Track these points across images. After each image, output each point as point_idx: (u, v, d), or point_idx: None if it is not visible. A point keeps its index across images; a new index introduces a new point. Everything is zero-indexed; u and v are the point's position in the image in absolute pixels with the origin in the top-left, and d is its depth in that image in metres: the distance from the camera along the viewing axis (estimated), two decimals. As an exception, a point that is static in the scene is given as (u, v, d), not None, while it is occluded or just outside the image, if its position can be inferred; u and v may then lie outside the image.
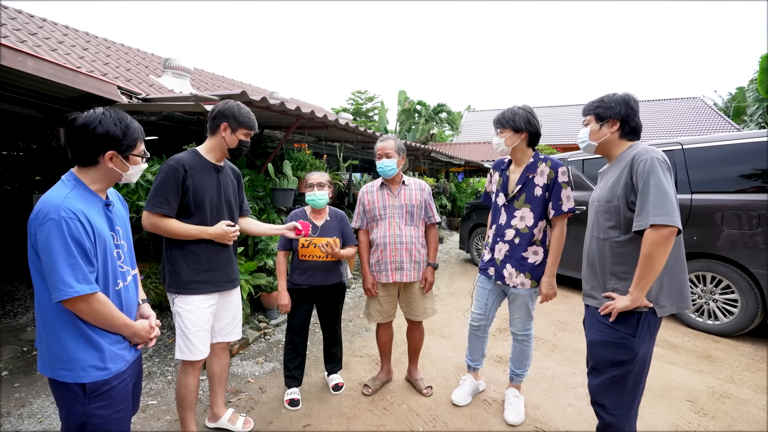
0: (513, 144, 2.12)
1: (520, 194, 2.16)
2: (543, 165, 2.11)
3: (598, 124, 1.69)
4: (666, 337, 3.49)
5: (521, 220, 2.16)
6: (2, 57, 2.24)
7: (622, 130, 1.65)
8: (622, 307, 1.53)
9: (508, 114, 2.12)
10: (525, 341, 2.33)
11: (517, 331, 2.32)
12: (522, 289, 2.18)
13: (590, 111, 1.72)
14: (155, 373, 2.77)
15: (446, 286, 5.31)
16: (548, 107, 23.19)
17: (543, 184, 2.10)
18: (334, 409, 2.39)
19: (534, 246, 2.15)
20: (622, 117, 1.64)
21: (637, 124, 1.65)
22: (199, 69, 9.59)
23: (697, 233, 3.53)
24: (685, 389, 2.64)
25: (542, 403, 2.47)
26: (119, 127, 1.21)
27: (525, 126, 2.09)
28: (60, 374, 1.17)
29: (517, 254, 2.17)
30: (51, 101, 3.34)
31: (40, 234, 1.09)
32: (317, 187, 2.35)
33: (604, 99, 1.68)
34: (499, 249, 2.24)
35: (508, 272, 2.21)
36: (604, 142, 1.69)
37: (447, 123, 19.76)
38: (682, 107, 19.55)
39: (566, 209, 2.08)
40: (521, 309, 2.26)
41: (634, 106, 1.64)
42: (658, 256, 1.44)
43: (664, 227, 1.42)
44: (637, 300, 1.51)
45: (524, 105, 2.15)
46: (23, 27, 5.41)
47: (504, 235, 2.21)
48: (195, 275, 1.83)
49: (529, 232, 2.14)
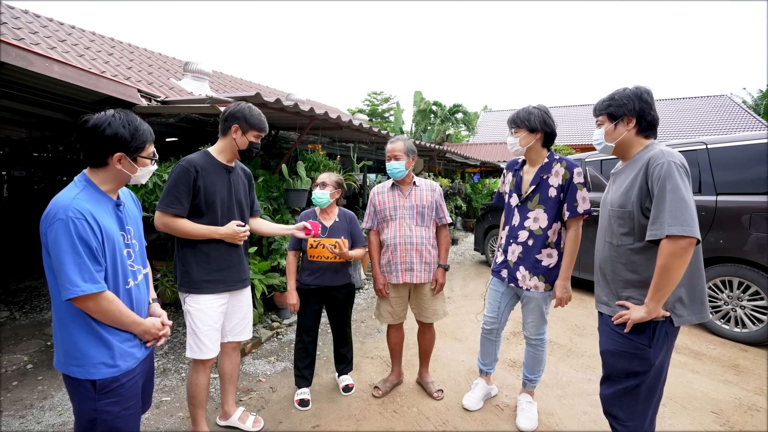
0: (528, 144, 2.08)
1: (534, 195, 2.12)
2: (558, 165, 2.07)
3: (613, 124, 1.60)
4: (689, 344, 3.35)
5: (535, 221, 2.12)
6: (32, 63, 2.34)
7: (639, 126, 1.56)
8: (638, 319, 1.46)
9: (523, 113, 2.07)
10: (539, 346, 2.27)
11: (531, 336, 2.27)
12: (536, 292, 2.14)
13: (602, 111, 1.63)
14: (170, 369, 2.83)
15: (460, 288, 5.25)
16: (566, 107, 22.71)
17: (558, 185, 2.06)
18: (343, 410, 2.39)
19: (548, 248, 2.11)
20: (638, 112, 1.54)
21: (654, 117, 1.56)
22: (218, 72, 9.80)
23: (723, 236, 3.38)
24: (709, 400, 2.53)
25: (556, 410, 2.40)
26: (128, 129, 1.24)
27: (540, 126, 2.04)
28: (72, 370, 1.21)
29: (530, 256, 2.12)
30: (76, 105, 3.47)
31: (50, 233, 1.12)
32: (319, 186, 2.37)
33: (615, 96, 1.59)
34: (512, 251, 2.19)
35: (521, 275, 2.16)
36: (622, 141, 1.60)
37: (463, 123, 19.57)
38: (709, 105, 18.83)
39: (582, 211, 2.02)
40: (535, 312, 2.21)
41: (648, 99, 1.54)
42: (675, 268, 1.36)
43: (681, 238, 1.34)
44: (653, 312, 1.43)
45: (539, 104, 2.10)
46: (53, 34, 5.64)
47: (517, 236, 2.17)
48: (205, 275, 1.86)
49: (543, 233, 2.09)
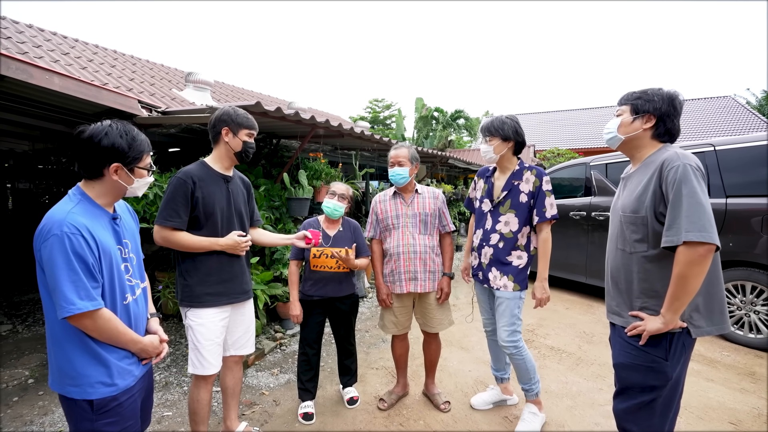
0: (501, 152, 2.17)
1: (506, 200, 2.21)
2: (528, 173, 2.18)
3: (632, 117, 1.52)
4: (702, 351, 3.27)
5: (506, 224, 2.20)
6: (32, 76, 2.34)
7: (656, 128, 1.49)
8: (654, 330, 1.39)
9: (497, 122, 2.17)
10: (516, 354, 2.19)
11: (504, 342, 2.19)
12: (505, 291, 2.16)
13: (628, 101, 1.55)
14: (172, 383, 2.79)
15: (465, 296, 5.18)
16: (569, 111, 22.71)
17: (528, 191, 2.16)
18: (348, 424, 2.33)
19: (518, 250, 2.19)
20: (660, 114, 1.47)
21: (675, 126, 1.49)
22: (220, 82, 9.86)
23: (734, 240, 3.31)
24: (726, 410, 2.44)
25: (567, 422, 2.33)
26: (125, 140, 1.21)
27: (513, 135, 2.15)
28: (68, 390, 1.17)
29: (501, 257, 2.20)
30: (78, 117, 3.47)
31: (44, 250, 1.09)
32: (338, 198, 2.34)
33: (648, 91, 1.51)
34: (485, 253, 2.26)
35: (492, 275, 2.22)
36: (633, 138, 1.53)
37: (465, 129, 19.60)
38: (713, 107, 18.75)
39: (549, 216, 2.13)
40: (505, 315, 2.17)
41: (677, 107, 1.48)
42: (693, 276, 1.30)
43: (699, 245, 1.27)
44: (670, 323, 1.36)
45: (511, 114, 2.22)
46: (57, 47, 5.68)
47: (489, 239, 2.24)
48: (207, 287, 1.82)
49: (514, 236, 2.18)
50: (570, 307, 4.56)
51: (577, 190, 4.96)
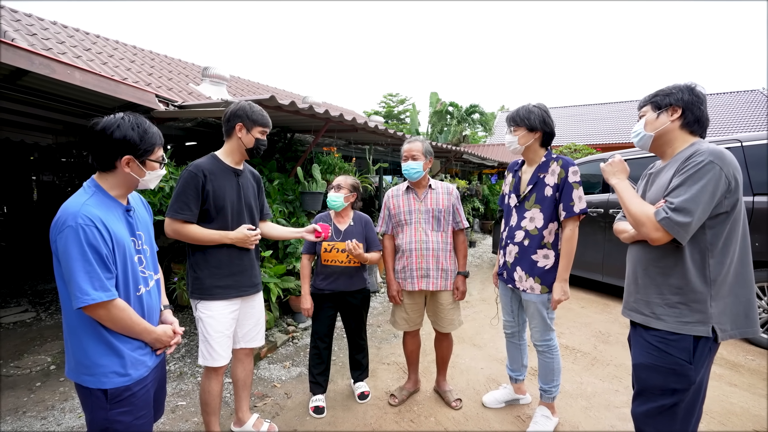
0: (526, 143, 2.04)
1: (531, 194, 2.08)
2: (554, 164, 2.02)
3: (656, 113, 1.47)
4: (725, 354, 3.16)
5: (531, 221, 2.07)
6: (54, 71, 2.39)
7: (684, 118, 1.42)
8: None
9: (522, 112, 2.03)
10: (547, 353, 2.15)
11: (536, 342, 2.16)
12: (532, 294, 2.07)
13: (647, 101, 1.51)
14: (186, 373, 2.84)
15: (478, 292, 5.13)
16: (586, 105, 22.11)
17: (554, 184, 2.01)
18: (359, 419, 2.33)
19: (544, 249, 2.04)
20: (685, 103, 1.41)
21: (703, 114, 1.42)
22: (236, 76, 9.94)
23: (759, 239, 3.17)
24: (750, 416, 2.35)
25: (582, 423, 2.28)
26: (136, 132, 1.22)
27: (540, 125, 2.00)
28: (83, 379, 1.19)
29: (527, 257, 2.07)
30: (98, 111, 3.54)
31: (59, 241, 1.11)
32: (334, 189, 2.35)
33: (662, 88, 1.48)
34: (510, 251, 2.15)
35: (518, 275, 2.11)
36: (663, 133, 1.46)
37: (480, 124, 19.30)
38: (739, 101, 17.98)
39: (578, 210, 1.96)
40: (535, 317, 2.11)
41: (699, 95, 1.42)
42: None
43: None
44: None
45: (539, 103, 2.05)
46: (79, 44, 5.82)
47: (514, 236, 2.13)
48: (217, 280, 1.84)
49: (539, 233, 2.04)
50: (586, 306, 4.47)
51: (595, 187, 4.84)
